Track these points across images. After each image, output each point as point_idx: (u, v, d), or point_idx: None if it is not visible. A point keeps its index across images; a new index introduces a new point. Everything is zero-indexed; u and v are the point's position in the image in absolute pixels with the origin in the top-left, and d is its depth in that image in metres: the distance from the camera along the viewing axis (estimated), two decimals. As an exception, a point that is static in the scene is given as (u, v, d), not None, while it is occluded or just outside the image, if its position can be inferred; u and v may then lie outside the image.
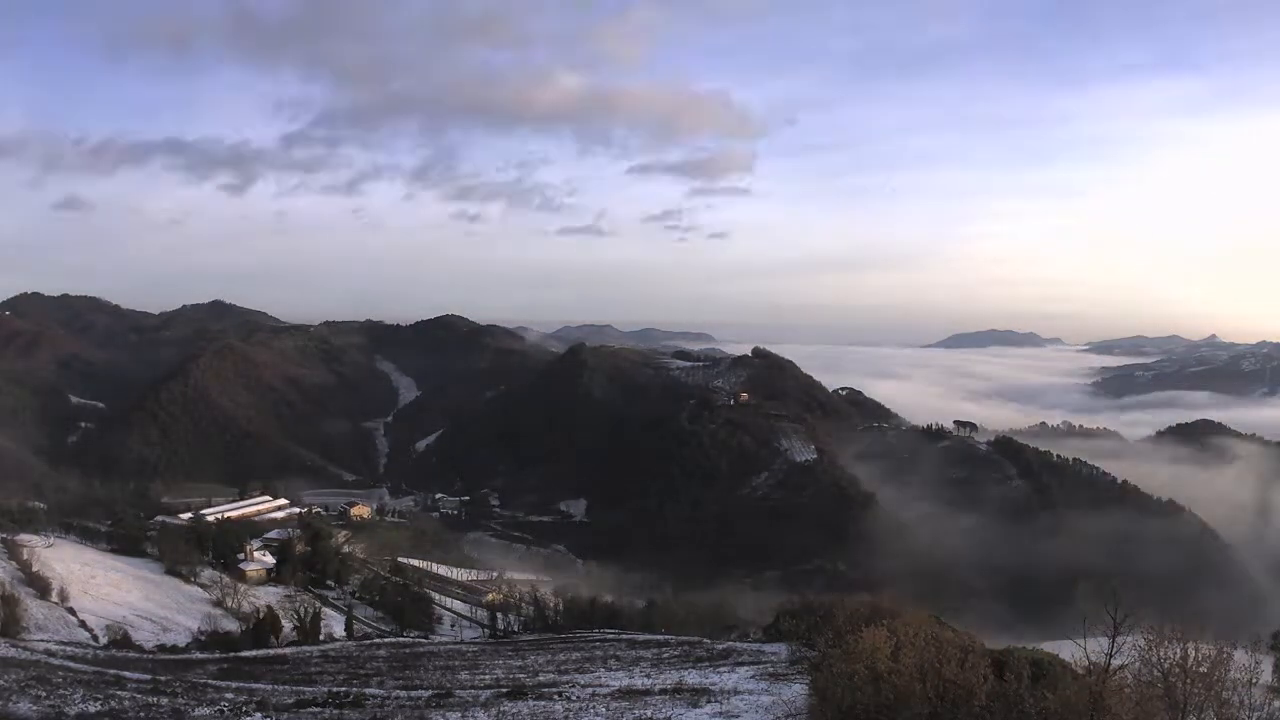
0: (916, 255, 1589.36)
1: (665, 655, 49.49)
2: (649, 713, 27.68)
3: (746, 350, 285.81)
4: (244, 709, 27.30)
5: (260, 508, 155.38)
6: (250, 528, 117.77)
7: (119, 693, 28.51)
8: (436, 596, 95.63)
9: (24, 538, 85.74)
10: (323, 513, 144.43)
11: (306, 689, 33.45)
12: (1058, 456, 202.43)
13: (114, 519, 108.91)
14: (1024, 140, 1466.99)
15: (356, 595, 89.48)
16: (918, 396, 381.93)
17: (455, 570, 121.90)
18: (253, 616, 63.98)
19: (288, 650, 56.03)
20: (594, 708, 28.74)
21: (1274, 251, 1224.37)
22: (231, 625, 64.10)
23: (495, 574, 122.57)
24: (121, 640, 52.95)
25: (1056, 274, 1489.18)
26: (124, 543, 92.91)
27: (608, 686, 34.63)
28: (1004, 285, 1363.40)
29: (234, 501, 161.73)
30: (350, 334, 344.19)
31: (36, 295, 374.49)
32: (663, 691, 32.47)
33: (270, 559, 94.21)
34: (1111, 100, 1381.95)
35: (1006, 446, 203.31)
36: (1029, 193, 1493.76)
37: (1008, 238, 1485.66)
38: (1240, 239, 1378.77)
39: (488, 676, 40.56)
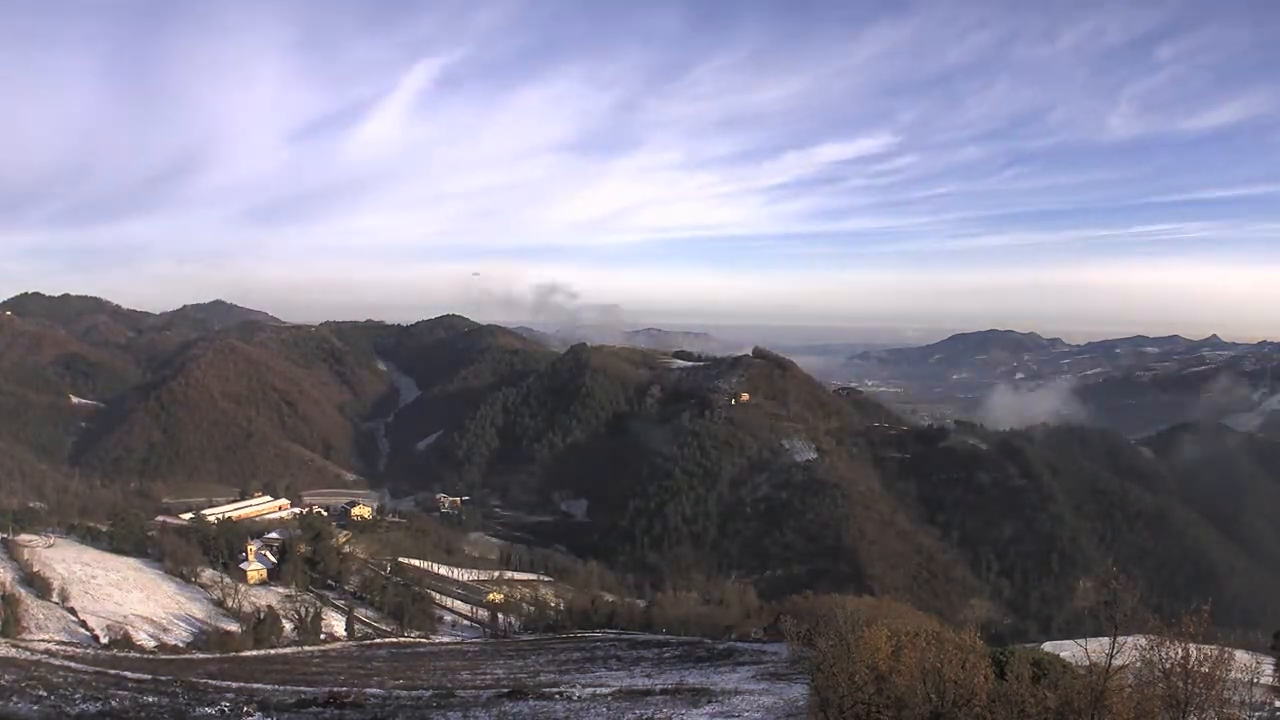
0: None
1: (666, 655, 49.56)
2: (650, 713, 27.66)
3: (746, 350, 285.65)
4: (244, 709, 27.29)
5: (261, 508, 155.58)
6: (251, 528, 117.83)
7: (119, 693, 28.51)
8: (437, 597, 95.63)
9: (25, 538, 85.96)
10: (323, 513, 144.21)
11: (307, 689, 33.45)
12: (1058, 456, 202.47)
13: (115, 519, 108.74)
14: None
15: (357, 595, 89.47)
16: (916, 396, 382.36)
17: (456, 570, 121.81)
18: (253, 616, 64.09)
19: (288, 650, 56.14)
20: (595, 708, 28.74)
21: (1275, 251, 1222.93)
22: (232, 625, 64.18)
23: (496, 574, 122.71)
24: (122, 640, 53.03)
25: (1058, 274, 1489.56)
26: (125, 543, 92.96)
27: (608, 686, 34.63)
28: (1005, 285, 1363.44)
29: (235, 501, 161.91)
30: (351, 334, 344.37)
31: (38, 295, 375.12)
32: (664, 692, 32.47)
33: (271, 559, 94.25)
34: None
35: (1007, 446, 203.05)
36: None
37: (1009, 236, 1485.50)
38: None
39: (488, 676, 40.60)
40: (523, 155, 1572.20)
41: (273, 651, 54.47)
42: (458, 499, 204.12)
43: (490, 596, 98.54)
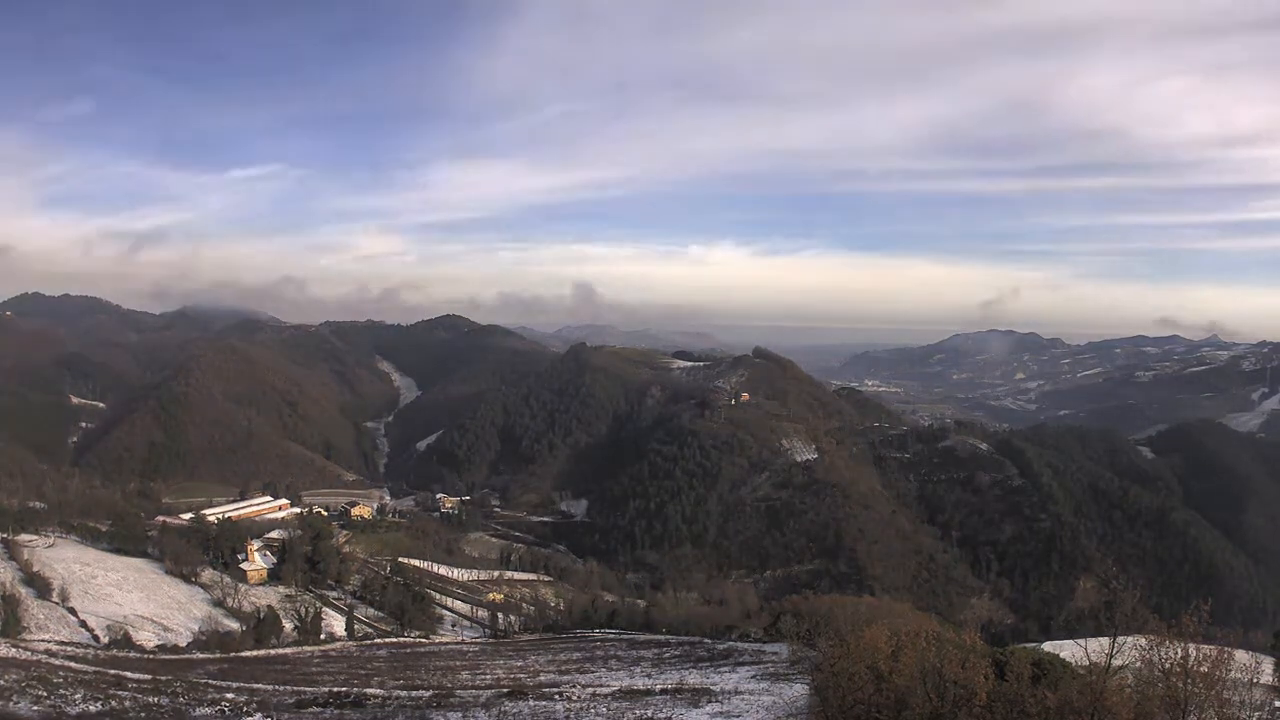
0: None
1: (666, 655, 49.57)
2: (650, 713, 27.66)
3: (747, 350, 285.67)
4: (245, 709, 27.30)
5: (261, 508, 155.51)
6: (251, 528, 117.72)
7: (120, 693, 28.49)
8: (437, 596, 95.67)
9: (25, 538, 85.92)
10: (323, 513, 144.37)
11: (307, 689, 33.44)
12: (1058, 456, 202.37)
13: (115, 519, 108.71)
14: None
15: (357, 595, 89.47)
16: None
17: (456, 570, 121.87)
18: (253, 616, 64.03)
19: (288, 650, 56.09)
20: (595, 708, 28.73)
21: (1275, 251, 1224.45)
22: (232, 625, 64.17)
23: (496, 574, 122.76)
24: (122, 640, 52.93)
25: (1058, 274, 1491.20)
26: (125, 543, 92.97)
27: (608, 687, 34.63)
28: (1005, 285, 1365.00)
29: (235, 501, 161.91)
30: (351, 334, 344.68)
31: (38, 295, 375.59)
32: (664, 692, 32.47)
33: (271, 559, 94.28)
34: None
35: (1007, 446, 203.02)
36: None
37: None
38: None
39: (488, 676, 40.60)
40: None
41: (273, 651, 54.43)
42: (458, 499, 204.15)
43: (490, 596, 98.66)
